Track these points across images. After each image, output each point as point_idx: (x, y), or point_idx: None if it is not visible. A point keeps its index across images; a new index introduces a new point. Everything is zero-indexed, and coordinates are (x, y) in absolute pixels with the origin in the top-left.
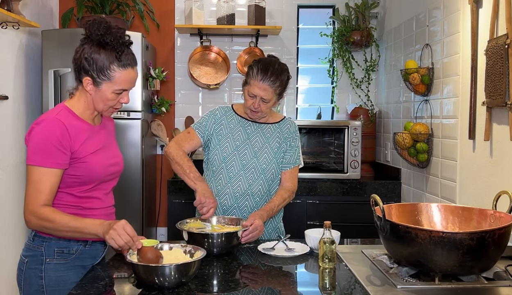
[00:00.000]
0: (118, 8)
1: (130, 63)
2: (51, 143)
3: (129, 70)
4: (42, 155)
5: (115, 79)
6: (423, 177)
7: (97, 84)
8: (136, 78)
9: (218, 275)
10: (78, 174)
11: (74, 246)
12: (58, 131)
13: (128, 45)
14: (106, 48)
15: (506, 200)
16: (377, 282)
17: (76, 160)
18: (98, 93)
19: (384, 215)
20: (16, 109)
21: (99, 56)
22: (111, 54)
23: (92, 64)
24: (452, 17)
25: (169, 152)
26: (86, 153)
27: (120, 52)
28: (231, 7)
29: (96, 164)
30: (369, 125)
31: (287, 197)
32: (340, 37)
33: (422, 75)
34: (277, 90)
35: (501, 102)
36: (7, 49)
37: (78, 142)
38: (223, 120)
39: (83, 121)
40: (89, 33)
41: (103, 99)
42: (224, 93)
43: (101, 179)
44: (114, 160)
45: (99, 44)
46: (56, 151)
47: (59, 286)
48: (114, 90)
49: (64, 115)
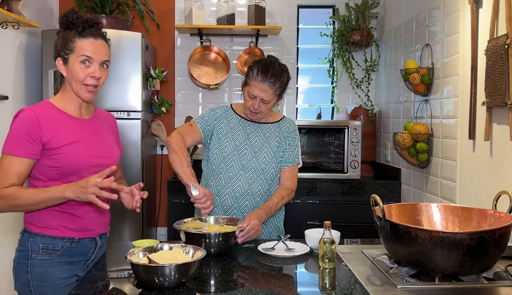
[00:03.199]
0: (118, 8)
1: (92, 34)
2: (21, 134)
3: (91, 39)
4: (12, 144)
5: (76, 48)
6: (423, 177)
7: (65, 61)
8: (104, 50)
9: (218, 275)
10: (57, 165)
11: (59, 243)
12: (29, 123)
13: (92, 24)
14: (70, 27)
15: (506, 200)
16: (377, 282)
17: (52, 150)
18: (68, 71)
19: (384, 215)
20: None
21: (63, 34)
22: (73, 31)
23: (59, 44)
24: (452, 17)
25: (171, 142)
26: (62, 144)
27: (82, 27)
28: (231, 7)
29: (73, 154)
30: (369, 125)
31: (286, 196)
32: (340, 37)
33: (422, 75)
34: (277, 91)
35: (501, 102)
36: (7, 49)
37: (50, 133)
38: (223, 119)
39: (63, 113)
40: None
41: (73, 75)
42: (224, 93)
43: (84, 170)
44: (99, 152)
45: (65, 26)
46: (25, 141)
47: (44, 282)
48: (78, 59)
49: (40, 107)
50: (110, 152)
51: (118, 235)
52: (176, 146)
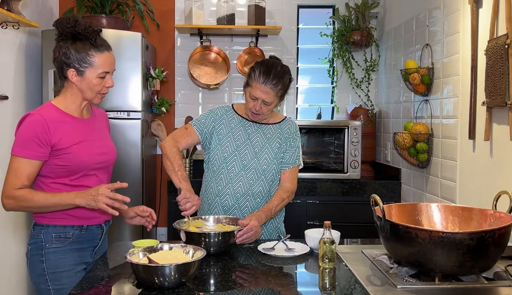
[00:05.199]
0: (118, 8)
1: (106, 47)
2: (30, 137)
3: (106, 53)
4: (22, 147)
5: (96, 63)
6: (423, 177)
7: (81, 73)
8: (115, 61)
9: (218, 275)
10: (65, 164)
11: (70, 231)
12: (38, 127)
13: (98, 32)
14: (80, 38)
15: (506, 200)
16: (377, 282)
17: (61, 151)
18: (83, 81)
19: (384, 215)
20: (16, 109)
21: (75, 46)
22: (86, 42)
23: (72, 56)
24: (452, 17)
25: (164, 147)
26: (70, 144)
27: (94, 39)
28: (231, 7)
29: (81, 153)
30: (369, 125)
31: (286, 198)
32: (340, 37)
33: (422, 75)
34: (279, 93)
35: (501, 102)
36: (7, 49)
37: (58, 135)
38: (224, 119)
39: (67, 115)
40: (61, 30)
41: (90, 86)
42: (224, 93)
43: (90, 167)
44: (102, 149)
45: (73, 36)
46: (34, 144)
47: (58, 268)
48: (98, 74)
49: (46, 110)
50: (110, 147)
51: (118, 235)
52: (168, 151)
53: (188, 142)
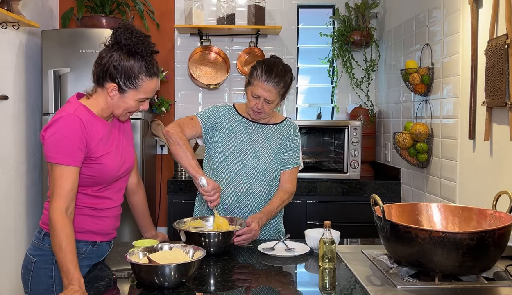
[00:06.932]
0: (118, 8)
1: (156, 72)
2: (70, 141)
3: (155, 79)
4: (65, 154)
5: (141, 88)
6: (423, 177)
7: (122, 91)
8: (158, 86)
9: (218, 275)
10: (92, 175)
11: (84, 246)
12: (78, 130)
13: (155, 53)
14: (135, 57)
15: (506, 200)
16: (377, 282)
17: (91, 160)
18: (121, 99)
19: (384, 215)
20: (16, 109)
21: (128, 64)
22: (141, 63)
23: (121, 72)
24: (452, 17)
25: (172, 133)
26: (101, 153)
27: (149, 62)
28: (231, 7)
29: (109, 165)
30: (369, 125)
31: (286, 199)
32: (340, 37)
33: (422, 75)
34: (280, 91)
35: (501, 102)
36: (7, 49)
37: (94, 140)
38: (226, 118)
39: (99, 119)
40: (119, 40)
41: (126, 106)
42: (224, 93)
43: (113, 180)
44: (124, 159)
45: (129, 52)
46: (77, 150)
47: None
48: (139, 98)
49: (81, 112)
50: (131, 154)
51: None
52: (178, 138)
53: (192, 132)
